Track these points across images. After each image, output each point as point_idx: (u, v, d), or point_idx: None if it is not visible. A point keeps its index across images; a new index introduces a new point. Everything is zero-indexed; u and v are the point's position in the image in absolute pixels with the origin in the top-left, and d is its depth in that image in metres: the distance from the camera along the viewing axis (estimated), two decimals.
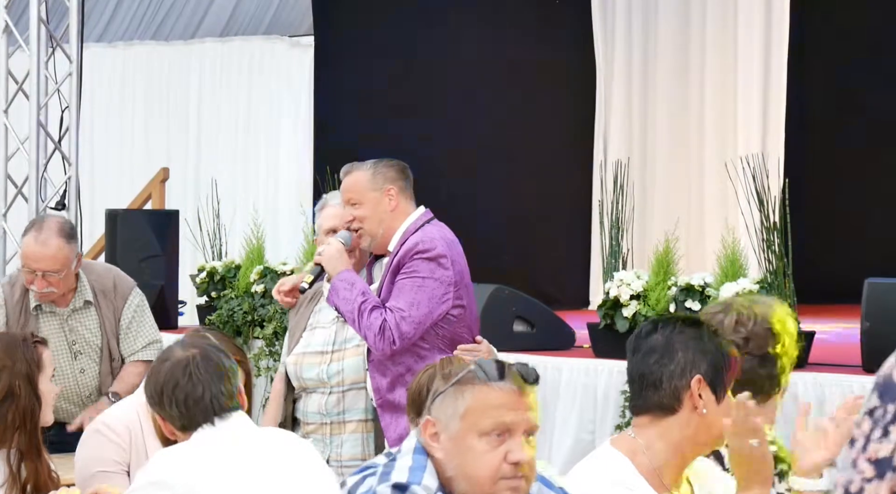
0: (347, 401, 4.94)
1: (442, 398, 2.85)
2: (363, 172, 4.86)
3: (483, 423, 2.82)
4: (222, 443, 3.33)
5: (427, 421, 2.85)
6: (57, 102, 7.92)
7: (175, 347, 3.44)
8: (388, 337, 4.64)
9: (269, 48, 11.61)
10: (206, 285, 8.38)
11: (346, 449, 4.93)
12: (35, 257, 5.24)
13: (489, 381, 2.84)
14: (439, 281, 4.71)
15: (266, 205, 10.59)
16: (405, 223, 4.81)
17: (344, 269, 4.75)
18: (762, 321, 3.64)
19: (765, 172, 6.78)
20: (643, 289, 6.65)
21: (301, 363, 4.99)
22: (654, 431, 3.22)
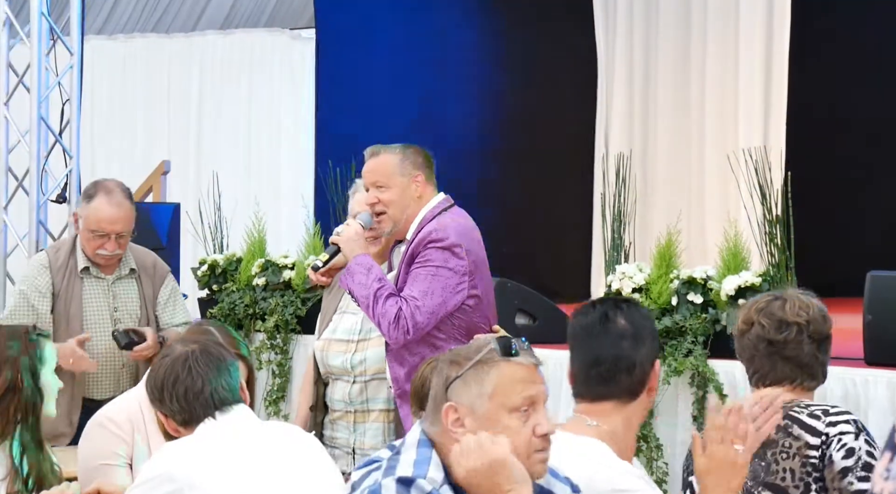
0: (370, 391, 4.94)
1: (461, 382, 2.83)
2: (392, 155, 4.83)
3: (513, 399, 2.82)
4: (224, 437, 3.33)
5: (448, 408, 2.82)
6: (58, 95, 7.91)
7: (175, 344, 3.45)
8: (402, 326, 4.62)
9: (271, 41, 11.60)
10: (208, 278, 8.37)
11: (368, 438, 4.94)
12: (111, 220, 5.44)
13: (510, 358, 2.84)
14: (453, 271, 4.68)
15: (267, 198, 10.58)
16: (424, 210, 4.78)
17: (361, 252, 4.73)
18: (819, 308, 3.69)
19: (767, 165, 6.77)
20: (645, 282, 6.63)
21: (327, 350, 5.00)
22: (619, 417, 3.23)
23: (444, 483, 2.78)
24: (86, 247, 5.50)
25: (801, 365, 3.66)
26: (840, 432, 3.54)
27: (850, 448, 3.52)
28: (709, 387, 6.34)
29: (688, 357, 6.38)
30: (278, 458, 3.34)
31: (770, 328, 3.66)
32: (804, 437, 3.55)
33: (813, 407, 3.61)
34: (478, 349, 2.86)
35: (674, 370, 6.35)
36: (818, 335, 3.68)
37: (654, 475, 6.35)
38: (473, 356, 2.84)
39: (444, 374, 2.86)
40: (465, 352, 2.87)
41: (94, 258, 5.51)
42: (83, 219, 5.49)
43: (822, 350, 3.70)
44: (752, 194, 6.78)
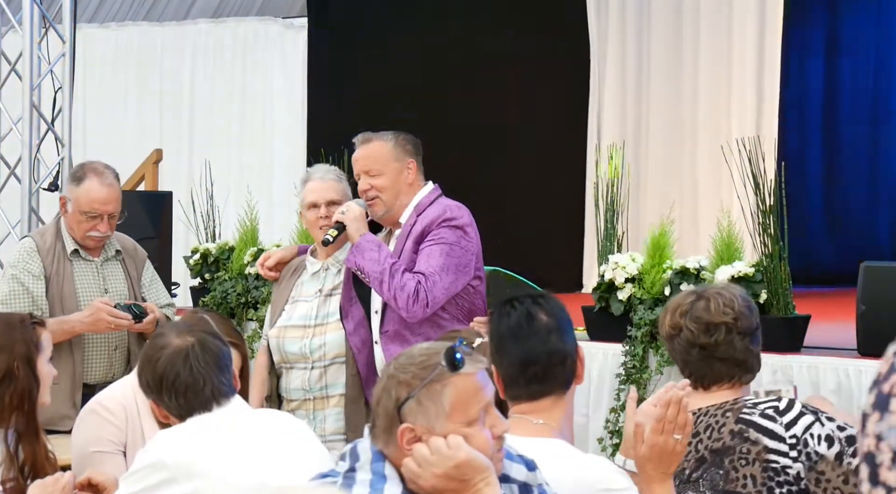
0: (329, 376, 4.96)
1: (415, 403, 2.71)
2: (385, 142, 4.88)
3: (471, 413, 2.74)
4: (219, 426, 3.32)
5: (404, 429, 2.71)
6: (50, 83, 7.90)
7: (169, 332, 3.41)
8: (422, 300, 4.64)
9: (263, 29, 11.58)
10: (200, 267, 8.36)
11: (329, 424, 4.95)
12: (104, 200, 5.47)
13: (461, 370, 2.74)
14: (465, 250, 4.74)
15: (260, 186, 10.58)
16: (418, 196, 4.84)
17: (367, 231, 4.76)
18: (742, 300, 3.66)
19: (760, 154, 6.77)
20: (638, 272, 6.64)
21: (283, 337, 5.01)
22: (559, 411, 3.23)
23: None
24: (75, 230, 5.49)
25: (736, 363, 3.63)
26: (805, 427, 3.50)
27: (826, 435, 3.50)
28: None
29: None
30: (270, 445, 3.33)
31: (698, 332, 3.63)
32: (762, 441, 3.51)
33: (762, 406, 3.56)
34: (426, 366, 2.74)
35: (666, 360, 6.36)
36: (747, 329, 3.63)
37: None
38: (423, 374, 2.73)
39: (392, 395, 2.73)
40: (413, 370, 2.74)
41: (84, 241, 5.51)
42: (73, 202, 5.48)
43: (753, 343, 3.65)
44: (745, 184, 6.78)
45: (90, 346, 5.46)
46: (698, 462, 3.59)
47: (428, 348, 2.81)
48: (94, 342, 5.47)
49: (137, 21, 12.17)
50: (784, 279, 6.41)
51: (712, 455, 3.58)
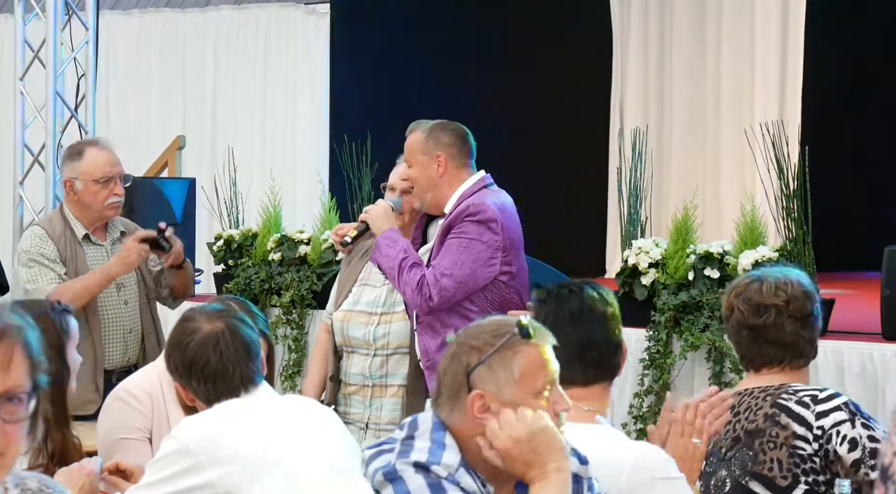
0: (391, 365, 4.97)
1: (485, 368, 2.77)
2: (419, 134, 4.92)
3: (537, 383, 2.80)
4: (246, 413, 3.33)
5: (475, 396, 2.77)
6: (73, 70, 7.92)
7: (199, 316, 3.41)
8: (424, 293, 4.65)
9: (286, 15, 11.57)
10: (223, 254, 8.38)
11: (385, 413, 4.95)
12: (113, 161, 5.55)
13: (531, 340, 2.81)
14: (486, 244, 4.73)
15: (283, 172, 10.57)
16: (462, 187, 4.84)
17: (389, 228, 4.77)
18: (798, 284, 3.67)
19: (783, 139, 6.74)
20: (662, 257, 6.63)
21: (348, 321, 5.02)
22: (606, 399, 3.28)
23: (461, 466, 2.77)
24: (93, 203, 5.49)
25: (785, 346, 3.64)
26: (835, 423, 3.51)
27: (851, 438, 3.50)
28: (725, 362, 6.33)
29: (704, 332, 6.38)
30: (297, 432, 3.34)
31: (748, 313, 3.64)
32: (792, 426, 3.53)
33: (802, 393, 3.58)
34: (498, 334, 2.80)
35: (690, 345, 6.35)
36: (799, 313, 3.63)
37: None
38: (495, 341, 2.79)
39: (463, 360, 2.79)
40: (485, 336, 2.81)
41: (105, 212, 5.53)
42: (81, 177, 5.49)
43: (807, 328, 3.65)
44: (768, 169, 6.77)
45: (106, 330, 5.48)
46: (734, 441, 3.62)
47: (499, 319, 2.89)
48: (110, 326, 5.48)
49: (160, 7, 12.18)
50: (808, 264, 6.39)
51: (746, 436, 3.60)
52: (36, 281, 5.39)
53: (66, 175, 5.54)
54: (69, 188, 5.54)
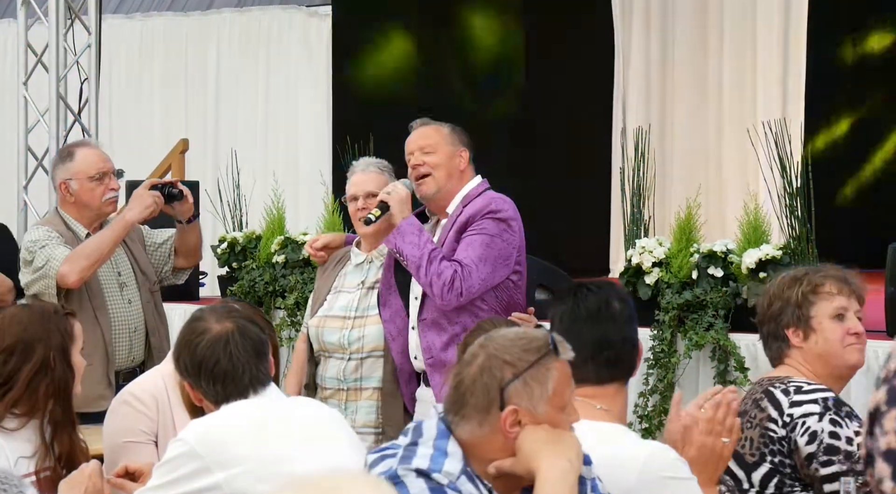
0: (365, 368, 4.99)
1: (521, 384, 2.79)
2: (443, 127, 5.00)
3: (565, 399, 2.84)
4: (253, 414, 3.33)
5: (509, 412, 2.78)
6: (76, 74, 7.94)
7: (208, 316, 3.41)
8: (456, 288, 4.66)
9: (287, 18, 11.59)
10: (227, 256, 8.38)
11: (360, 416, 4.98)
12: (105, 158, 5.62)
13: (561, 355, 2.84)
14: (507, 243, 4.76)
15: (286, 175, 10.59)
16: (467, 188, 4.87)
17: (410, 214, 4.79)
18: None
19: (786, 137, 6.75)
20: (665, 256, 6.63)
21: (323, 326, 5.05)
22: (621, 400, 3.29)
23: (462, 473, 2.78)
24: (91, 200, 5.51)
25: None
26: (804, 414, 3.59)
27: (812, 431, 3.58)
28: (730, 360, 6.34)
29: (709, 331, 6.38)
30: (304, 433, 3.34)
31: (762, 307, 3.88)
32: (768, 410, 3.63)
33: (792, 383, 3.67)
34: (530, 349, 2.82)
35: (695, 344, 6.35)
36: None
37: None
38: (529, 356, 2.81)
39: (497, 375, 2.79)
40: (517, 352, 2.81)
41: (104, 208, 5.56)
42: (76, 177, 5.51)
43: None
44: (771, 167, 6.77)
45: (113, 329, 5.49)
46: None
47: (524, 332, 2.90)
48: (116, 325, 5.49)
49: (162, 11, 12.20)
50: (812, 261, 6.39)
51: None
52: (48, 259, 5.38)
53: (60, 178, 5.55)
54: (65, 191, 5.54)
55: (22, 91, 7.94)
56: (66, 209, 5.58)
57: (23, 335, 3.78)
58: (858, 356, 3.75)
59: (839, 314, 3.74)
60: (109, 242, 5.41)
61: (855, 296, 3.77)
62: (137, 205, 5.53)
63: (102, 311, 5.46)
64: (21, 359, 3.75)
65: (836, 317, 3.74)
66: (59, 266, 5.33)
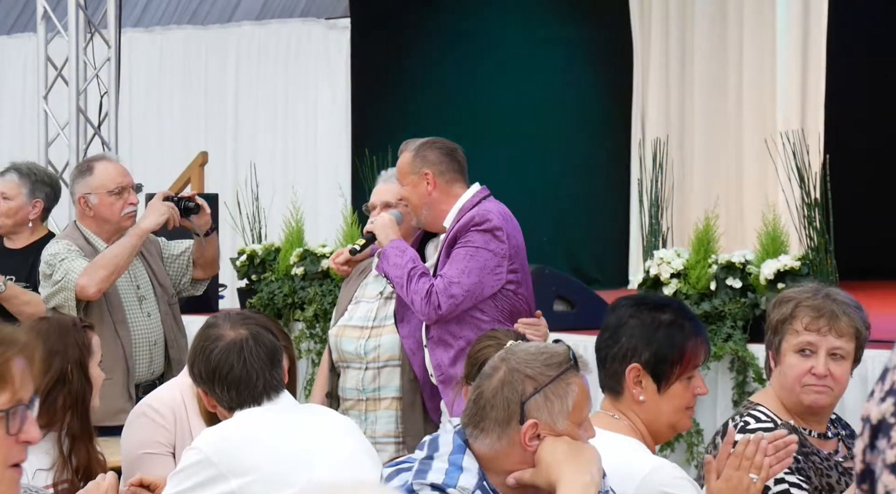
0: (383, 378, 5.00)
1: (542, 398, 2.79)
2: (407, 154, 4.96)
3: (583, 414, 2.85)
4: (267, 422, 3.34)
5: (529, 425, 2.79)
6: (96, 88, 7.97)
7: (222, 323, 3.43)
8: (433, 302, 4.67)
9: (306, 31, 11.61)
10: (247, 269, 8.40)
11: (379, 426, 4.98)
12: (123, 172, 5.63)
13: (580, 371, 2.85)
14: (493, 253, 4.75)
15: (305, 187, 10.60)
16: (461, 200, 4.86)
17: (396, 237, 4.81)
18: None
19: (805, 148, 6.74)
20: (684, 267, 6.62)
21: (341, 336, 5.07)
22: (624, 411, 3.23)
23: (477, 489, 2.78)
24: (111, 215, 5.53)
25: None
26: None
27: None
28: (748, 371, 6.32)
29: (727, 342, 6.37)
30: (317, 441, 3.35)
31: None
32: (720, 446, 3.50)
33: (749, 415, 3.55)
34: (551, 363, 2.82)
35: (713, 355, 6.34)
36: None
37: (694, 460, 6.34)
38: (551, 371, 2.81)
39: (518, 389, 2.80)
40: (538, 366, 2.82)
41: (123, 223, 5.55)
42: (95, 191, 5.52)
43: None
44: (790, 178, 6.76)
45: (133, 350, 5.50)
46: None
47: (544, 346, 2.90)
48: (136, 338, 5.51)
49: (182, 24, 12.24)
50: (830, 273, 6.38)
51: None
52: (67, 272, 5.39)
53: (79, 192, 5.57)
54: (84, 205, 5.56)
55: (42, 105, 7.98)
56: (85, 223, 5.59)
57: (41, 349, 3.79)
58: (815, 398, 3.50)
59: (803, 350, 3.52)
60: (126, 252, 5.43)
61: (834, 332, 3.52)
62: (152, 213, 5.56)
63: (122, 325, 5.48)
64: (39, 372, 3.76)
65: (800, 352, 3.52)
66: (77, 278, 5.35)
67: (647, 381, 3.19)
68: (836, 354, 3.55)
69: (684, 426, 3.27)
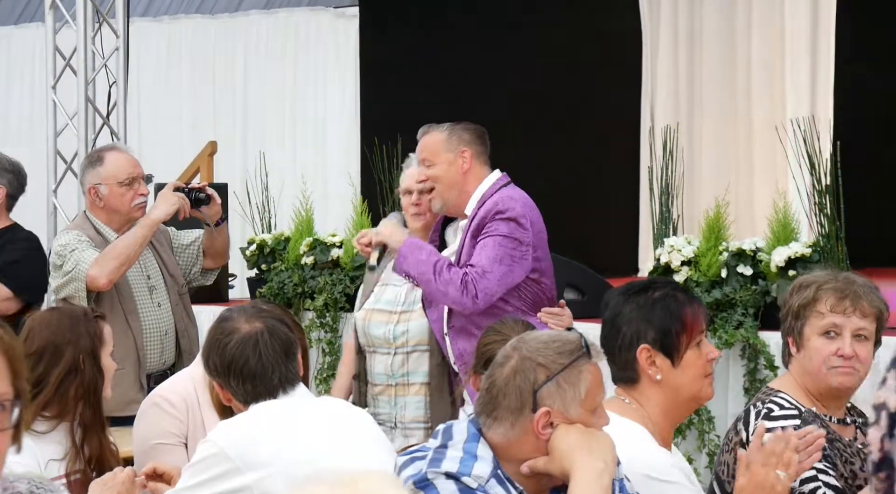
0: (411, 363, 4.98)
1: (554, 386, 2.80)
2: (439, 133, 4.92)
3: (596, 402, 2.85)
4: (282, 415, 3.34)
5: (542, 414, 2.79)
6: (104, 78, 7.96)
7: (237, 316, 3.42)
8: (470, 291, 4.65)
9: (315, 19, 11.60)
10: (256, 258, 8.40)
11: (409, 411, 4.97)
12: (134, 163, 5.62)
13: (592, 358, 2.85)
14: (519, 241, 4.74)
15: (314, 176, 10.60)
16: (482, 187, 4.85)
17: (406, 238, 4.79)
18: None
19: (815, 134, 6.72)
20: (694, 255, 6.61)
21: (369, 320, 5.05)
22: (638, 397, 3.23)
23: (492, 477, 2.79)
24: (121, 206, 5.53)
25: None
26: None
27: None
28: (760, 359, 6.31)
29: (738, 329, 6.37)
30: (332, 434, 3.35)
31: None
32: (741, 433, 3.53)
33: (772, 402, 3.56)
34: (563, 351, 2.82)
35: (724, 343, 6.33)
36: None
37: (706, 448, 6.34)
38: (563, 359, 2.81)
39: (530, 377, 2.80)
40: (551, 354, 2.82)
41: (133, 213, 5.55)
42: (105, 182, 5.52)
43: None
44: (800, 165, 6.75)
45: (144, 333, 5.51)
46: None
47: (556, 334, 2.91)
48: (147, 329, 5.51)
49: (190, 14, 12.22)
50: (841, 259, 6.37)
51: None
52: (78, 263, 5.39)
53: (89, 182, 5.57)
54: (94, 195, 5.56)
55: (51, 95, 7.98)
56: (95, 214, 5.59)
57: (52, 339, 3.80)
58: (842, 380, 3.54)
59: (829, 332, 3.55)
60: (137, 242, 5.43)
61: (858, 313, 3.55)
62: (163, 204, 5.56)
63: (133, 315, 5.48)
64: (51, 362, 3.77)
65: (825, 335, 3.55)
66: (88, 269, 5.35)
67: (660, 358, 3.20)
68: (861, 335, 3.58)
69: (707, 395, 3.27)
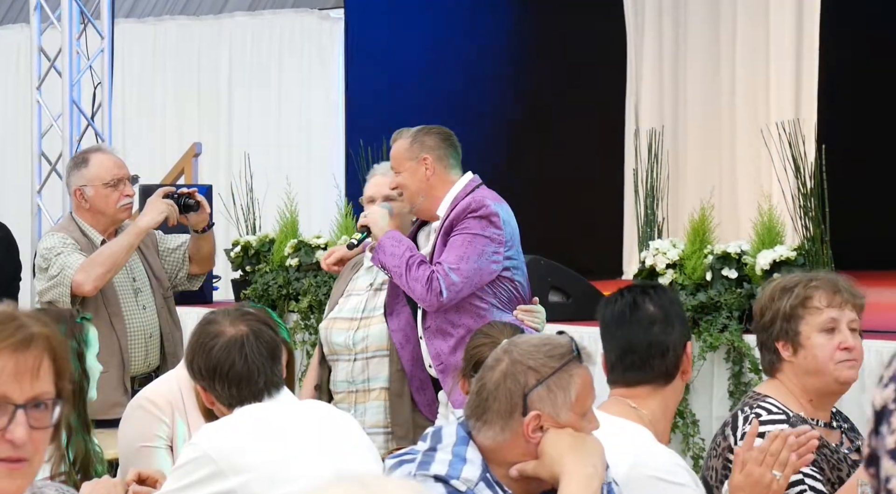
0: (372, 369, 5.00)
1: (544, 389, 2.79)
2: (403, 140, 4.94)
3: (587, 405, 2.84)
4: (267, 418, 3.33)
5: (532, 417, 2.78)
6: (89, 79, 7.95)
7: (222, 319, 3.40)
8: (434, 288, 4.67)
9: (299, 21, 11.59)
10: (241, 260, 8.40)
11: (368, 417, 4.98)
12: (120, 164, 5.61)
13: (583, 362, 2.84)
14: (489, 239, 4.75)
15: (299, 178, 10.58)
16: (454, 189, 4.86)
17: (389, 230, 4.81)
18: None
19: (800, 137, 6.74)
20: (679, 258, 6.62)
21: (331, 328, 5.07)
22: (656, 401, 3.25)
23: (480, 480, 2.78)
24: (106, 207, 5.51)
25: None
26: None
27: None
28: (745, 362, 6.32)
29: (723, 333, 6.37)
30: (317, 438, 3.34)
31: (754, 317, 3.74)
32: (729, 438, 3.51)
33: (760, 407, 3.53)
34: (554, 355, 2.81)
35: (709, 346, 6.34)
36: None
37: (690, 451, 6.34)
38: (553, 363, 2.80)
39: (520, 380, 2.79)
40: (541, 357, 2.81)
41: (118, 214, 5.55)
42: (91, 183, 5.50)
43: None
44: (785, 168, 6.76)
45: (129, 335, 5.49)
46: None
47: (547, 337, 2.89)
48: (132, 331, 5.50)
49: (175, 15, 12.21)
50: (826, 263, 6.38)
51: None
52: (63, 267, 5.37)
53: (74, 184, 5.55)
54: (79, 197, 5.54)
55: (35, 96, 7.96)
56: (80, 215, 5.57)
57: None
58: (850, 373, 3.51)
59: (829, 328, 3.51)
60: (124, 249, 5.41)
61: (850, 305, 3.53)
62: (151, 211, 5.54)
63: (118, 318, 5.46)
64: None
65: (825, 331, 3.51)
66: (73, 275, 5.33)
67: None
68: (853, 328, 3.57)
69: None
